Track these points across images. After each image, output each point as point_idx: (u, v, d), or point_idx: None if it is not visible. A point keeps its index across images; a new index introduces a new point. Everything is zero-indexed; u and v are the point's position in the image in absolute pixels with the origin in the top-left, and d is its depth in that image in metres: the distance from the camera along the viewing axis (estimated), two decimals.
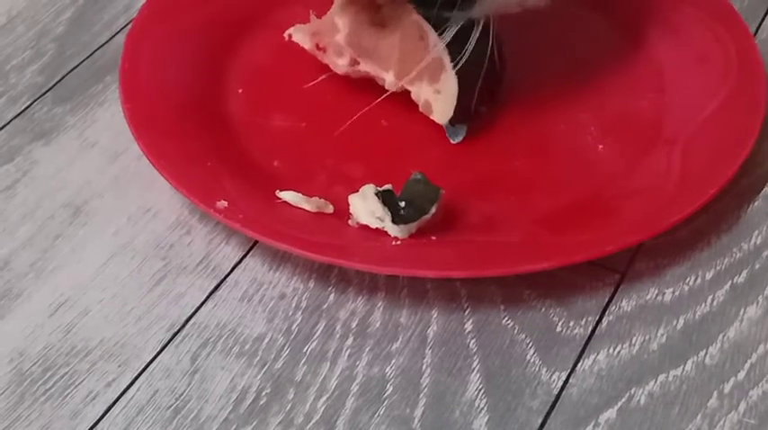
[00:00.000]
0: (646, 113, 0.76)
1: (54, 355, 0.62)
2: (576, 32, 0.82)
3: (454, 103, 0.71)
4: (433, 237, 0.66)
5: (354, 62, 0.74)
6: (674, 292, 0.66)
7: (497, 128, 0.74)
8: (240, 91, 0.76)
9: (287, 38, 0.76)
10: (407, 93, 0.73)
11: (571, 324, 0.64)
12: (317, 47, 0.75)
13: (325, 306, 0.65)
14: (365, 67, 0.74)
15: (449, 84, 0.71)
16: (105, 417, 0.59)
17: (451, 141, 0.73)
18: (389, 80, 0.73)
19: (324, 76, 0.75)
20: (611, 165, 0.72)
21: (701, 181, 0.69)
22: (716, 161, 0.70)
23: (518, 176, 0.72)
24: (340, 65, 0.75)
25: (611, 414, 0.60)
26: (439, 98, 0.72)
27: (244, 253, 0.67)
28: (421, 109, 0.73)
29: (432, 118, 0.73)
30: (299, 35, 0.76)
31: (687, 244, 0.68)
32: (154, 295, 0.65)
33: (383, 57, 0.73)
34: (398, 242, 0.65)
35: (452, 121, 0.72)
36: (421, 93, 0.72)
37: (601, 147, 0.73)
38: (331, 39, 0.74)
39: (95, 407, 0.60)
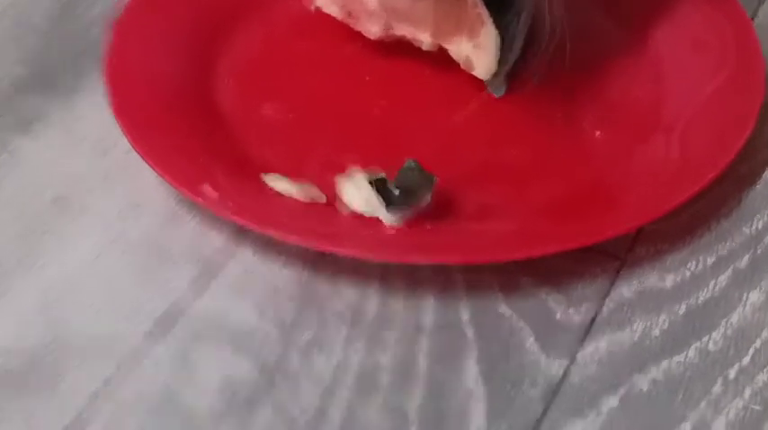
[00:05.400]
0: (643, 99, 0.75)
1: (42, 352, 0.61)
2: (571, 20, 0.80)
3: (497, 56, 0.70)
4: (428, 226, 0.65)
5: (389, 27, 0.73)
6: (675, 278, 0.65)
7: (493, 115, 0.73)
8: (230, 81, 0.75)
9: (313, 9, 0.76)
10: (405, 75, 0.73)
11: (571, 311, 0.63)
12: (349, 15, 0.74)
13: (318, 296, 0.64)
14: (400, 31, 0.73)
15: (489, 38, 0.70)
16: (95, 412, 0.58)
17: (495, 95, 0.73)
18: (427, 41, 0.72)
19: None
20: (608, 151, 0.71)
21: (701, 166, 0.68)
22: (715, 146, 0.69)
23: (514, 164, 0.71)
24: (374, 31, 0.74)
25: (613, 401, 0.59)
26: (480, 53, 0.71)
27: (235, 244, 0.66)
28: (462, 66, 0.72)
29: (473, 74, 0.72)
30: (328, 4, 0.75)
31: (687, 229, 0.67)
32: (144, 288, 0.64)
33: (419, 18, 0.72)
34: (392, 230, 0.64)
35: (495, 76, 0.72)
36: (461, 49, 0.71)
37: (598, 133, 0.72)
38: (363, 6, 0.73)
39: (84, 402, 0.59)
